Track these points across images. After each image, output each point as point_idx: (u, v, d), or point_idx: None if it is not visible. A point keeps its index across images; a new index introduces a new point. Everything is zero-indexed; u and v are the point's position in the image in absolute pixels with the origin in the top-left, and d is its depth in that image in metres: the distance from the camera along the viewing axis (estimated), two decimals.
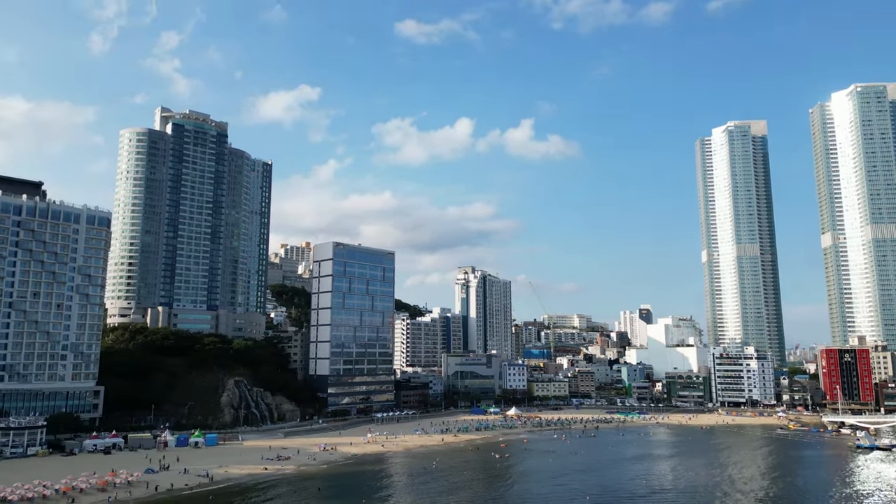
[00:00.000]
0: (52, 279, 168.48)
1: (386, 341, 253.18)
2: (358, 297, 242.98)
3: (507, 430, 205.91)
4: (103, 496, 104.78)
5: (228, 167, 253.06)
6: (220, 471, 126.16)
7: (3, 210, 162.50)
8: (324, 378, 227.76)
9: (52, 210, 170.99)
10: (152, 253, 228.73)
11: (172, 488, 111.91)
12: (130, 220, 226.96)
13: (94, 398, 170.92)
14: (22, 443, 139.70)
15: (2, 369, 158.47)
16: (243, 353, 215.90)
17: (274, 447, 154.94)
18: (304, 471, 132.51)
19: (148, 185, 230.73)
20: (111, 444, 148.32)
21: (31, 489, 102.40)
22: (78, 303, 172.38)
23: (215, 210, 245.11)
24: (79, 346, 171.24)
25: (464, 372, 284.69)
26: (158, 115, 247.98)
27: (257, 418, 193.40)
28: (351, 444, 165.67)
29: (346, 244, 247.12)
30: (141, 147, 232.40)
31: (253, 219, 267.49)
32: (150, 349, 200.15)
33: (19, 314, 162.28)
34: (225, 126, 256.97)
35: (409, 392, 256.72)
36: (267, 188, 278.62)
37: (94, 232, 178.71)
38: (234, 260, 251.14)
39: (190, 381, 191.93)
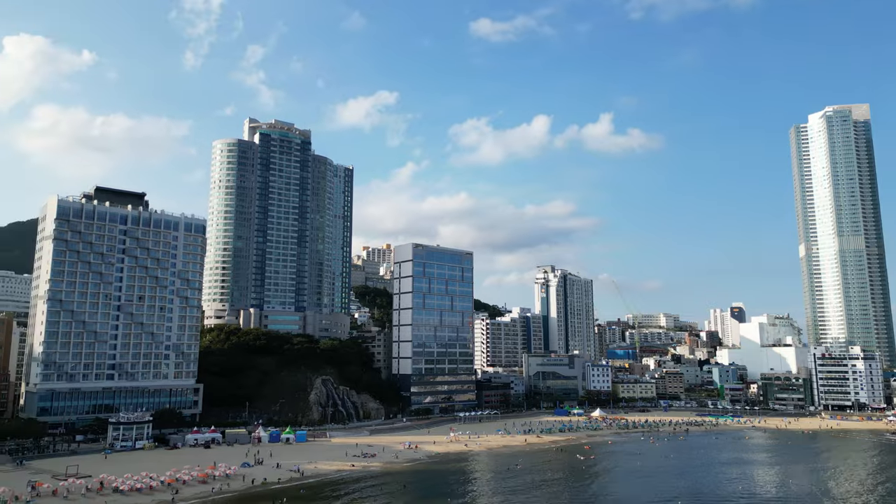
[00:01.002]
0: (156, 283, 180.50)
1: (466, 341, 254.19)
2: (438, 297, 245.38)
3: (592, 432, 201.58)
4: (204, 488, 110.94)
5: (312, 173, 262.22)
6: (310, 466, 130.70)
7: (111, 220, 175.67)
8: (406, 377, 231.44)
9: (153, 219, 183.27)
10: (244, 257, 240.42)
11: (266, 482, 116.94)
12: (223, 226, 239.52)
13: (194, 395, 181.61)
14: (131, 437, 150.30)
15: (112, 368, 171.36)
16: (329, 353, 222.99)
17: (360, 444, 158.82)
18: (390, 468, 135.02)
19: (238, 193, 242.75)
20: (210, 438, 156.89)
21: (140, 480, 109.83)
22: (178, 305, 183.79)
23: (301, 215, 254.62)
24: (180, 346, 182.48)
25: (545, 372, 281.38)
26: (247, 125, 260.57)
27: (344, 416, 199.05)
28: (434, 442, 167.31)
29: (424, 245, 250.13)
30: (231, 157, 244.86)
31: (336, 222, 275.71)
32: (244, 349, 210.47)
33: (127, 317, 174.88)
34: (308, 134, 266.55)
35: (490, 392, 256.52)
36: (349, 192, 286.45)
37: (192, 238, 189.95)
38: (320, 262, 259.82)
39: (280, 379, 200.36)
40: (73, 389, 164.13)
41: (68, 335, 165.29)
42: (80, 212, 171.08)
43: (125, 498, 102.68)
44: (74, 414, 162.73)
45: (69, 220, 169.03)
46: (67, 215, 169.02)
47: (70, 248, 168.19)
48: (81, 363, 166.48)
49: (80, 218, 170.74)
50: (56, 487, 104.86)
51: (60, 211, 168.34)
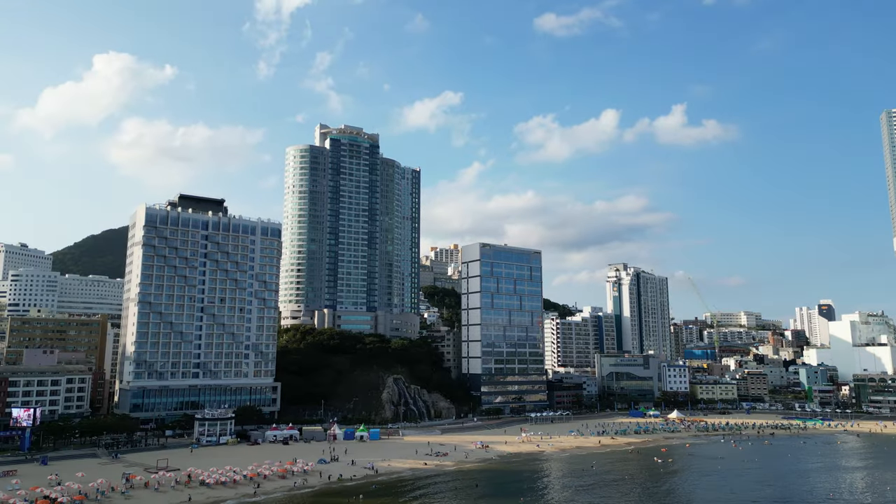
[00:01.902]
0: (235, 286, 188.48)
1: (536, 341, 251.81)
2: (506, 296, 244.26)
3: (669, 434, 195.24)
4: (284, 483, 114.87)
5: (381, 176, 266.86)
6: (384, 464, 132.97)
7: (194, 225, 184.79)
8: (476, 377, 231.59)
9: (232, 224, 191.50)
10: (317, 259, 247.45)
11: (342, 478, 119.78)
12: (297, 229, 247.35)
13: (272, 393, 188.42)
14: (215, 432, 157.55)
15: (197, 367, 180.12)
16: (400, 352, 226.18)
17: (432, 443, 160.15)
18: (462, 467, 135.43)
19: (311, 197, 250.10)
20: (288, 435, 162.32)
21: (224, 474, 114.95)
22: (256, 307, 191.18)
23: (370, 217, 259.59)
24: (259, 345, 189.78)
25: (619, 373, 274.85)
26: (318, 131, 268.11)
27: (415, 415, 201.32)
28: (506, 442, 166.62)
29: (492, 245, 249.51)
30: (304, 162, 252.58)
31: (404, 224, 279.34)
32: (318, 348, 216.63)
33: (209, 318, 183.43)
34: (376, 137, 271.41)
35: (561, 392, 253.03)
36: (416, 194, 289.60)
37: (268, 242, 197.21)
38: (389, 263, 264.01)
39: (353, 377, 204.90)
40: (163, 387, 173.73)
41: (157, 335, 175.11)
42: (165, 218, 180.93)
43: (211, 491, 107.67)
44: (164, 410, 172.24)
45: (156, 226, 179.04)
46: (154, 222, 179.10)
47: (157, 252, 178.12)
48: (169, 362, 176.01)
49: (166, 224, 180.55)
50: (148, 480, 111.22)
51: (148, 218, 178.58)
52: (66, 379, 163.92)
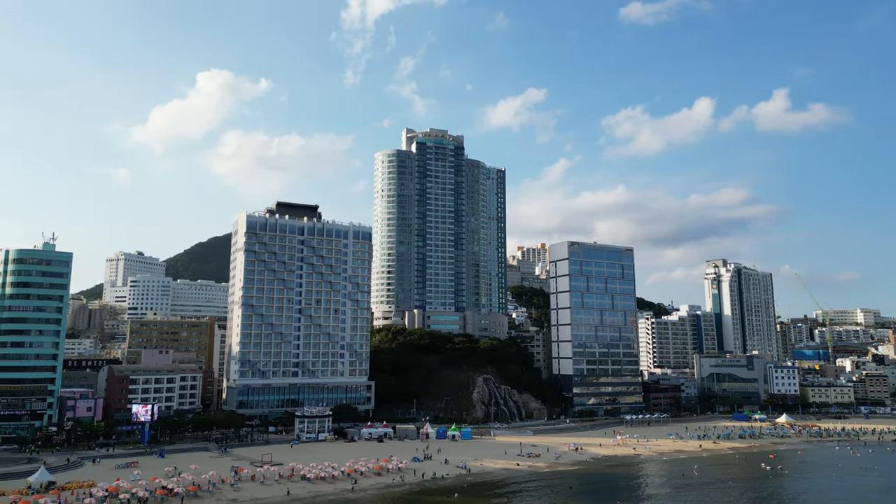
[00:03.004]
0: (330, 288, 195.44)
1: (630, 341, 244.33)
2: (597, 296, 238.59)
3: (778, 440, 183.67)
4: (380, 480, 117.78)
5: (466, 177, 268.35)
6: (476, 463, 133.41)
7: (291, 231, 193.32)
8: (568, 378, 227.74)
9: (326, 228, 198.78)
10: (406, 261, 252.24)
11: (435, 476, 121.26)
12: (387, 232, 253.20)
13: (366, 392, 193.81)
14: (314, 429, 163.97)
15: (296, 366, 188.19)
16: (489, 352, 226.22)
17: (524, 444, 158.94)
18: (555, 469, 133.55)
19: (399, 201, 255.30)
20: (383, 433, 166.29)
21: (323, 470, 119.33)
22: (350, 308, 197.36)
23: (457, 218, 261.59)
24: (353, 345, 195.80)
25: (720, 374, 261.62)
26: (404, 136, 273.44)
27: (506, 415, 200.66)
28: (600, 445, 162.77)
29: (581, 243, 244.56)
30: (391, 167, 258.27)
31: (490, 224, 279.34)
32: (409, 348, 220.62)
33: (307, 319, 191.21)
34: (461, 139, 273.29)
35: (658, 394, 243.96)
36: (501, 194, 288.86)
37: (359, 245, 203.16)
38: (476, 264, 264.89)
39: (444, 377, 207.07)
40: (265, 385, 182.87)
41: (259, 336, 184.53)
42: (264, 225, 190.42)
43: (311, 485, 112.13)
44: (266, 407, 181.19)
45: (256, 232, 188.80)
46: (255, 229, 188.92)
47: (258, 258, 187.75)
48: (271, 361, 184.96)
49: (265, 231, 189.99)
50: (254, 473, 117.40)
51: (249, 225, 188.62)
52: (180, 377, 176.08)
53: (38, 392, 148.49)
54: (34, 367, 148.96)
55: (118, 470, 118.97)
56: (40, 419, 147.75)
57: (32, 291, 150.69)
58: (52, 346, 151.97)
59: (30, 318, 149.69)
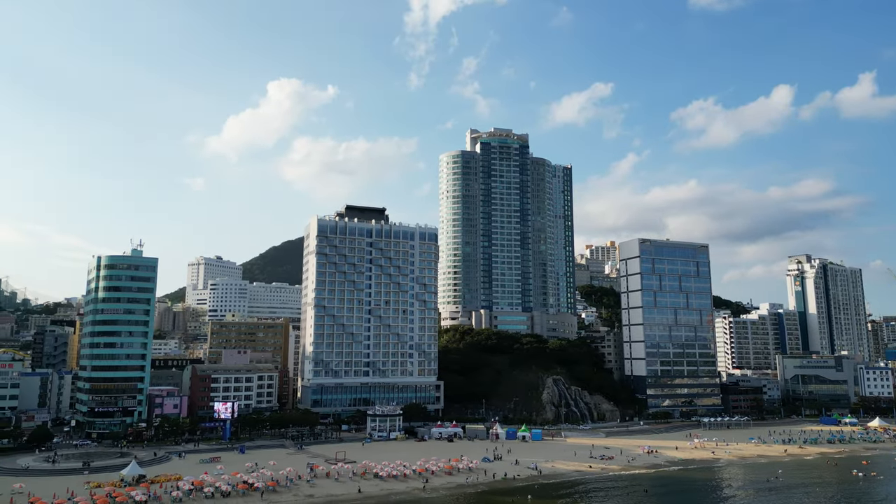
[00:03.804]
0: (398, 289, 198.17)
1: (706, 341, 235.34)
2: (670, 294, 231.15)
3: (871, 445, 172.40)
4: (451, 479, 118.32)
5: (531, 176, 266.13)
6: (548, 465, 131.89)
7: (359, 233, 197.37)
8: (641, 379, 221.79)
9: (393, 230, 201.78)
10: (472, 261, 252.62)
11: (506, 477, 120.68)
12: (452, 233, 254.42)
13: (435, 391, 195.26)
14: (385, 428, 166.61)
15: (367, 366, 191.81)
16: (558, 353, 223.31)
17: (596, 446, 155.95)
18: (629, 472, 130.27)
19: (464, 201, 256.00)
20: (453, 433, 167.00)
21: (395, 468, 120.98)
22: (418, 308, 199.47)
23: (522, 218, 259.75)
24: (421, 345, 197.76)
25: (805, 376, 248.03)
26: (468, 136, 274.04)
27: (577, 416, 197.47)
28: (676, 448, 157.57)
29: (652, 240, 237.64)
30: (456, 168, 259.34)
31: (557, 222, 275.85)
32: (477, 348, 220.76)
33: (376, 319, 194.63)
34: (526, 138, 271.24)
35: (737, 396, 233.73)
36: (568, 191, 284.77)
37: (426, 246, 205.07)
38: (543, 263, 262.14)
39: (512, 377, 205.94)
40: (338, 384, 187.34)
41: (331, 336, 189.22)
42: (335, 228, 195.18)
43: (384, 483, 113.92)
44: (339, 406, 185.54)
45: (327, 235, 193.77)
46: (325, 232, 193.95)
47: (329, 260, 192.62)
48: (343, 361, 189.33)
49: (336, 234, 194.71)
50: (329, 470, 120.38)
51: (320, 229, 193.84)
52: (258, 376, 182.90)
53: (129, 390, 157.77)
54: (125, 367, 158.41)
55: (202, 464, 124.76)
56: (131, 416, 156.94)
57: (122, 295, 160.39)
58: (140, 347, 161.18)
59: (120, 320, 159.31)
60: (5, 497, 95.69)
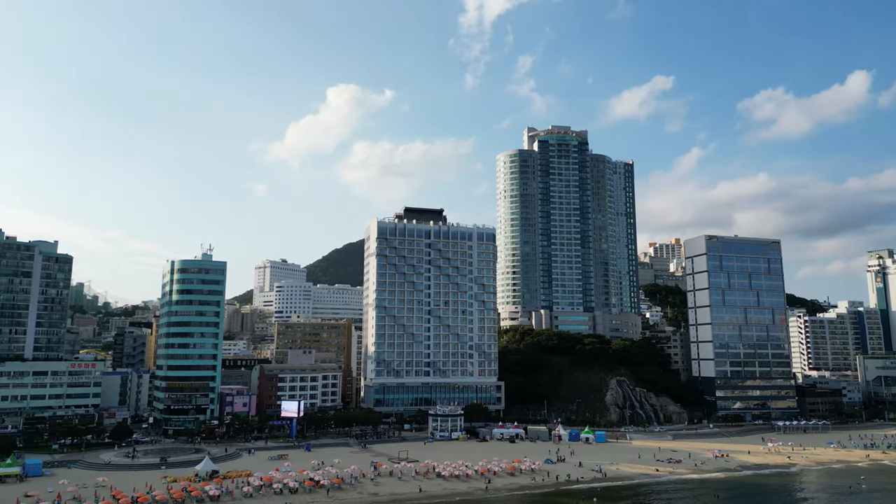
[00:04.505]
0: (457, 289, 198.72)
1: (779, 341, 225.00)
2: (739, 292, 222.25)
3: None
4: (513, 480, 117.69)
5: (591, 173, 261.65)
6: (612, 467, 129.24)
7: (418, 235, 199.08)
8: (709, 380, 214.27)
9: (451, 231, 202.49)
10: (531, 261, 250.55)
11: (570, 479, 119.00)
12: (511, 233, 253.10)
13: (496, 392, 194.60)
14: (447, 428, 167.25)
15: (427, 366, 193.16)
16: (622, 353, 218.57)
17: (663, 448, 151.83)
18: (698, 476, 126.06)
19: (522, 201, 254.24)
20: (514, 433, 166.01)
21: (457, 468, 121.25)
22: (477, 308, 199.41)
23: (582, 216, 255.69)
24: (481, 346, 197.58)
25: (888, 377, 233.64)
26: (525, 135, 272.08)
27: (643, 418, 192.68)
28: (748, 452, 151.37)
29: (719, 236, 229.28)
30: (514, 167, 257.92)
31: (619, 220, 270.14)
32: (537, 349, 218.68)
33: (436, 320, 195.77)
34: (584, 134, 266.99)
35: (814, 399, 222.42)
36: (630, 188, 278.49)
37: (484, 246, 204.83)
38: (605, 262, 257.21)
39: (574, 378, 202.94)
40: (399, 384, 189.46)
41: (392, 337, 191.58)
42: (394, 230, 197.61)
43: (446, 483, 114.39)
44: (401, 405, 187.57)
45: (387, 237, 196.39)
46: (385, 234, 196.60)
47: (389, 262, 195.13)
48: (404, 361, 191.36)
49: (395, 235, 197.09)
50: (392, 469, 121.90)
51: (380, 231, 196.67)
52: (322, 376, 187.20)
53: (202, 389, 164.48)
54: (198, 366, 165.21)
55: (271, 461, 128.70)
56: (204, 413, 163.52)
57: (194, 297, 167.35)
58: (212, 347, 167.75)
59: (193, 321, 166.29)
60: (90, 490, 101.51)
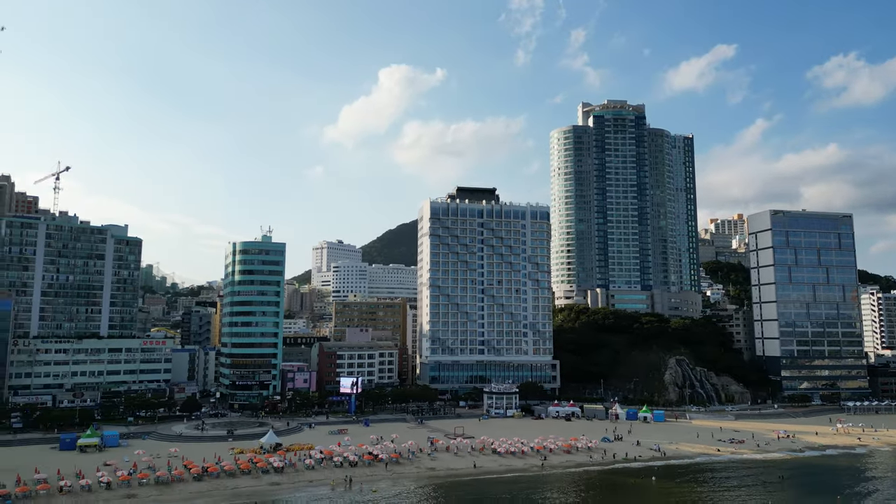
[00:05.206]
0: (510, 268, 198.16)
1: (850, 319, 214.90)
2: (807, 269, 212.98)
3: None
4: (569, 458, 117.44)
5: (649, 148, 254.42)
6: (671, 447, 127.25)
7: (471, 214, 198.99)
8: (774, 360, 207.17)
9: (504, 210, 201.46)
10: (586, 239, 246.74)
11: (627, 457, 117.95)
12: (565, 211, 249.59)
13: (551, 370, 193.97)
14: (502, 405, 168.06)
15: (482, 344, 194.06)
16: (681, 332, 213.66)
17: (724, 429, 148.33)
18: (762, 457, 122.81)
19: (577, 178, 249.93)
20: (570, 412, 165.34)
21: (512, 445, 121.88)
22: (531, 287, 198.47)
23: (640, 192, 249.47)
24: (535, 325, 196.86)
25: None
26: (580, 111, 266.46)
27: (703, 398, 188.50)
28: (816, 433, 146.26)
29: (786, 211, 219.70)
30: (568, 144, 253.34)
31: (678, 196, 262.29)
32: (593, 328, 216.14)
33: (489, 299, 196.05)
34: (642, 108, 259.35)
35: (888, 379, 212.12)
36: (689, 163, 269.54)
37: (537, 225, 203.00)
38: (663, 239, 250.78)
39: (631, 358, 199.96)
40: (454, 362, 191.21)
41: (447, 315, 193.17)
42: (447, 210, 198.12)
43: (502, 459, 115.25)
44: (456, 383, 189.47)
45: (439, 217, 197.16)
46: (438, 214, 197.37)
47: (442, 241, 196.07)
48: (458, 339, 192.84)
49: (448, 215, 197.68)
50: (448, 444, 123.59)
51: (433, 211, 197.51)
52: (379, 353, 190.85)
53: (265, 365, 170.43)
54: (260, 344, 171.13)
55: (331, 435, 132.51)
56: (266, 389, 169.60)
57: (255, 278, 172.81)
58: (273, 326, 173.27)
59: (255, 301, 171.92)
60: (163, 460, 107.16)
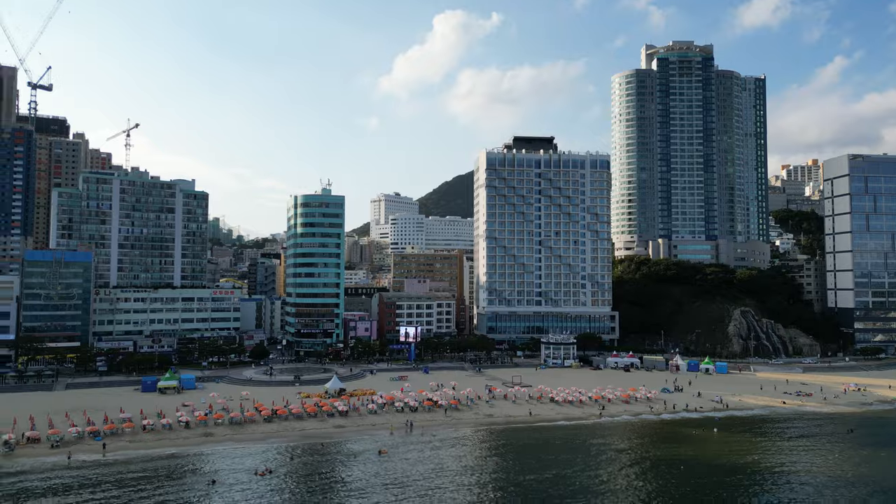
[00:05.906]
0: (568, 219, 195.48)
1: None
2: (887, 217, 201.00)
3: None
4: (628, 408, 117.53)
5: (716, 91, 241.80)
6: (734, 398, 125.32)
7: (528, 164, 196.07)
8: (847, 311, 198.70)
9: (562, 160, 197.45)
10: (648, 188, 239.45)
11: (687, 408, 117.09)
12: (626, 159, 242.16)
13: (610, 322, 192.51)
14: (559, 355, 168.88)
15: (539, 295, 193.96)
16: (747, 284, 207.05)
17: (791, 381, 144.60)
18: (830, 410, 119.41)
19: (639, 124, 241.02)
20: (629, 363, 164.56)
21: (570, 394, 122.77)
22: (590, 238, 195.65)
23: (706, 138, 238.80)
24: (594, 276, 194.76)
25: None
26: (643, 53, 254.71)
27: (769, 350, 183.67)
28: (889, 387, 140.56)
29: (865, 155, 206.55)
30: (630, 88, 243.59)
31: (747, 141, 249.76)
32: (654, 279, 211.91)
33: (546, 250, 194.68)
34: (710, 49, 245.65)
35: None
36: (761, 106, 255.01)
37: (597, 174, 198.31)
38: (730, 187, 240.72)
39: (694, 309, 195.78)
40: (511, 313, 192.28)
41: (503, 267, 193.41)
42: (503, 161, 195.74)
43: (559, 407, 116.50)
44: (513, 333, 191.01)
45: (496, 168, 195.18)
46: (494, 165, 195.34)
47: (498, 192, 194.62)
48: (515, 290, 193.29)
49: (504, 166, 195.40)
50: (506, 392, 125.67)
51: (489, 162, 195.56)
52: (437, 304, 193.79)
53: (328, 315, 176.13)
54: (323, 294, 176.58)
55: (392, 382, 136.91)
56: (330, 337, 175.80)
57: (317, 230, 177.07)
58: (334, 276, 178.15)
59: (316, 252, 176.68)
60: (236, 402, 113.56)
